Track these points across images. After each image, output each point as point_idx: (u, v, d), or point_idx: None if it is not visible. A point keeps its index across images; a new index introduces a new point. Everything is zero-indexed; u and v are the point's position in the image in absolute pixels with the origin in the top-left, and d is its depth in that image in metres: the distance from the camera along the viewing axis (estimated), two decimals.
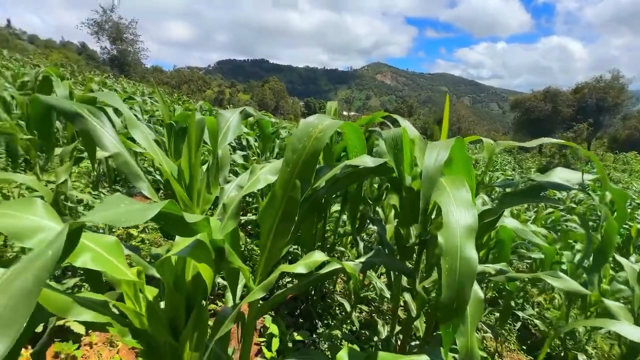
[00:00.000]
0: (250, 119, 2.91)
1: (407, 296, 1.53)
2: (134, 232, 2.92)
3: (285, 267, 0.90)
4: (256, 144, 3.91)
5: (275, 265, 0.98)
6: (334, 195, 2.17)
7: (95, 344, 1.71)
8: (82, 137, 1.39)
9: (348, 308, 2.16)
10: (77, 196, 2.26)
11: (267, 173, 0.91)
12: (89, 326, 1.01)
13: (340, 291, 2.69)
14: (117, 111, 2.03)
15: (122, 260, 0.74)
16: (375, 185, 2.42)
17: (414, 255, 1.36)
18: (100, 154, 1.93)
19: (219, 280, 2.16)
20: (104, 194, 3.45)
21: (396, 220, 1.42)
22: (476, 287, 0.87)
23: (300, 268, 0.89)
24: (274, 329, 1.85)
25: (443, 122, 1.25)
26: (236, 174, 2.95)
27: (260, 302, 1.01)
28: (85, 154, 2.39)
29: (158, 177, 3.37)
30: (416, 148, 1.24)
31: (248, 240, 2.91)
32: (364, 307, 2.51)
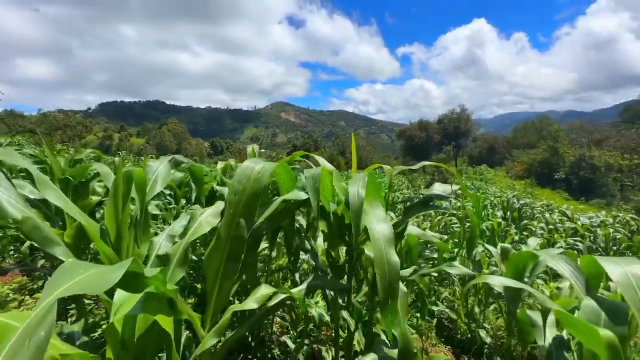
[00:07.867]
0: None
1: (345, 314, 1.66)
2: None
3: (236, 307, 0.93)
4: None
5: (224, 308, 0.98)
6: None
7: None
8: None
9: (291, 344, 2.15)
10: None
11: (209, 217, 0.94)
12: None
13: (277, 332, 2.63)
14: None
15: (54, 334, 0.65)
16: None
17: (345, 274, 1.52)
18: None
19: None
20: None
21: (326, 243, 1.57)
22: (401, 285, 1.07)
23: (251, 304, 0.94)
24: None
25: (352, 157, 1.52)
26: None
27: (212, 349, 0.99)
28: None
29: None
30: (334, 179, 1.45)
31: None
32: (305, 341, 2.51)
